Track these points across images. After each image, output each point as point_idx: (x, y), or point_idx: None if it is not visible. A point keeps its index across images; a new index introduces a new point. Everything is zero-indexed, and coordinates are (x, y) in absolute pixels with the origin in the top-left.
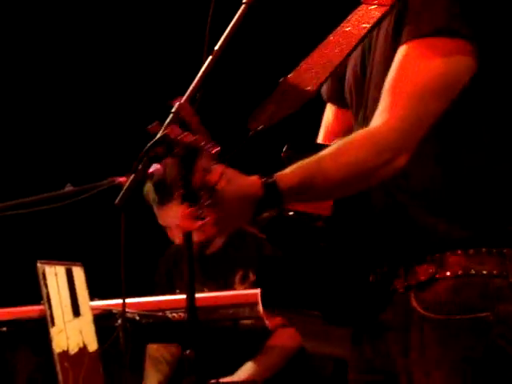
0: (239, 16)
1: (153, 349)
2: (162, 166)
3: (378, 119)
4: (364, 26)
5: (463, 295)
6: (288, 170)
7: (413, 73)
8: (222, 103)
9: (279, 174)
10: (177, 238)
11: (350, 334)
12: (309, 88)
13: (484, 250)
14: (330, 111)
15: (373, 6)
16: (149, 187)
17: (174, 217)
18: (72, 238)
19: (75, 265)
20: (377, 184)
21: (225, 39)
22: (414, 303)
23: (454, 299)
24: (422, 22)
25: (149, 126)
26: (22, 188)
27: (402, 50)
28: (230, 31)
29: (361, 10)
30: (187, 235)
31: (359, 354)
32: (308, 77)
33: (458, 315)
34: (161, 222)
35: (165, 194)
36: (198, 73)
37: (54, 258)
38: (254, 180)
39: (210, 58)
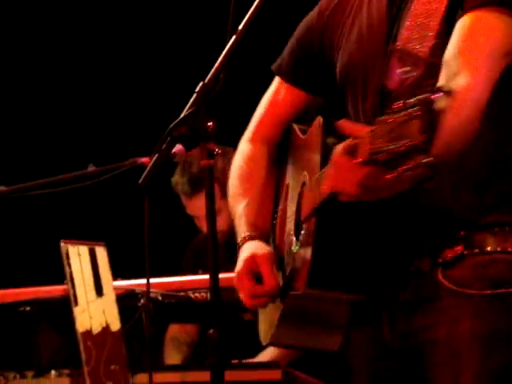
0: None
1: (173, 331)
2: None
3: (461, 79)
4: None
5: (492, 271)
6: None
7: (480, 38)
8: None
9: None
10: (205, 227)
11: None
12: (422, 52)
13: (507, 228)
14: (280, 90)
15: None
16: (177, 178)
17: (203, 207)
18: (95, 218)
19: (98, 245)
20: None
21: (249, 18)
22: (442, 280)
23: (483, 275)
24: None
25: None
26: (45, 168)
27: (464, 20)
28: (254, 10)
29: None
30: (210, 214)
31: (371, 338)
32: (415, 42)
33: (488, 290)
34: (190, 211)
35: (196, 184)
36: (220, 53)
37: (77, 237)
38: None
39: (234, 37)
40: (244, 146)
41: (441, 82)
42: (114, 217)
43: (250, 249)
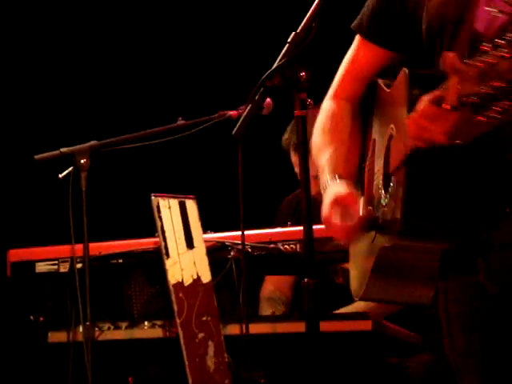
0: None
1: (268, 290)
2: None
3: None
4: None
5: None
6: None
7: None
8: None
9: None
10: (313, 187)
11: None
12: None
13: None
14: (361, 48)
15: None
16: (289, 135)
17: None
18: (185, 172)
19: (188, 198)
20: None
21: None
22: None
23: None
24: None
25: None
26: (135, 123)
27: None
28: None
29: None
30: (304, 163)
31: (468, 286)
32: None
33: None
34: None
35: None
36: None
37: (168, 191)
38: None
39: None
40: (327, 104)
41: None
42: (203, 170)
43: (332, 192)
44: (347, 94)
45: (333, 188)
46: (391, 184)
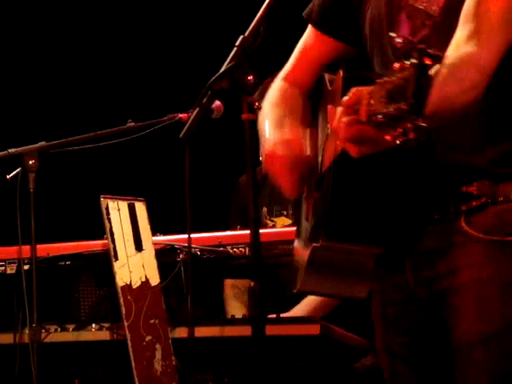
0: None
1: (230, 282)
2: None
3: (471, 44)
4: None
5: None
6: None
7: (494, 4)
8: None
9: None
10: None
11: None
12: (433, 10)
13: None
14: (311, 37)
15: None
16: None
17: None
18: (134, 174)
19: (138, 200)
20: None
21: None
22: (465, 226)
23: (507, 221)
24: None
25: None
26: (85, 125)
27: None
28: None
29: None
30: (252, 171)
31: (394, 285)
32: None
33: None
34: None
35: None
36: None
37: (117, 193)
38: None
39: None
40: (279, 84)
41: (452, 44)
42: (152, 173)
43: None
44: (297, 81)
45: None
46: (322, 184)
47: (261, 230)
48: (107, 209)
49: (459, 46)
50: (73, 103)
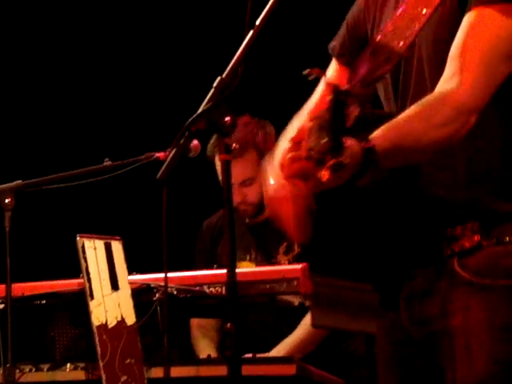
0: None
1: (197, 320)
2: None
3: (452, 82)
4: None
5: (508, 261)
6: (380, 133)
7: (482, 37)
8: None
9: (373, 136)
10: (236, 196)
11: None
12: (399, 47)
13: None
14: (334, 68)
15: None
16: (215, 142)
17: (237, 175)
18: (111, 213)
19: (114, 239)
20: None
21: (266, 14)
22: (458, 268)
23: (499, 265)
24: None
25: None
26: (61, 163)
27: (469, 16)
28: (271, 5)
29: None
30: (228, 206)
31: (392, 324)
32: (396, 37)
33: (503, 280)
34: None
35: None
36: (238, 48)
37: (94, 232)
38: (352, 143)
39: (251, 32)
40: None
41: (440, 81)
42: (129, 211)
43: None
44: None
45: None
46: None
47: (237, 270)
48: (83, 248)
49: (441, 84)
50: (50, 141)
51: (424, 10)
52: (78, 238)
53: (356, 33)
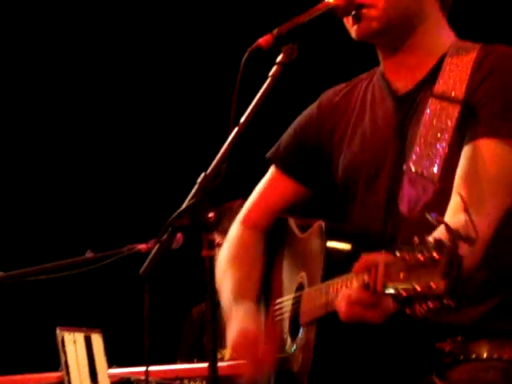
0: (265, 89)
1: None
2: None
3: (463, 215)
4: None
5: (486, 377)
6: None
7: (488, 170)
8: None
9: None
10: None
11: None
12: (432, 175)
13: (505, 337)
14: (273, 177)
15: (445, 102)
16: None
17: None
18: (92, 305)
19: (94, 332)
20: None
21: (250, 112)
22: (438, 383)
23: (478, 380)
24: (500, 122)
25: None
26: (43, 255)
27: (473, 147)
28: (255, 104)
29: (434, 104)
30: (211, 301)
31: None
32: (426, 165)
33: None
34: None
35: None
36: (222, 144)
37: (75, 324)
38: None
39: (235, 130)
40: (235, 229)
41: (448, 212)
42: (110, 303)
43: (240, 319)
44: (255, 223)
45: (237, 317)
46: (300, 335)
47: (219, 364)
48: (63, 341)
49: (451, 215)
50: (31, 232)
51: (444, 135)
52: (57, 331)
53: (304, 143)
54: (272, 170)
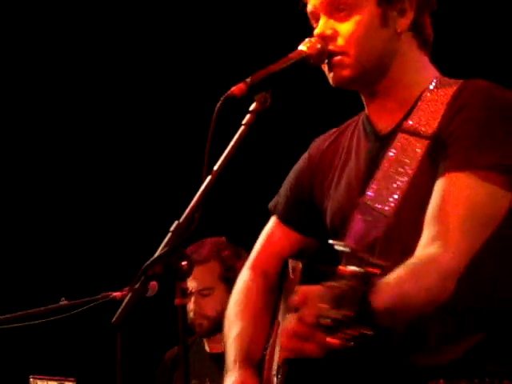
0: (238, 137)
1: None
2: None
3: (434, 247)
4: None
5: None
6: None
7: (459, 203)
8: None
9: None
10: (193, 303)
11: None
12: (386, 212)
13: (487, 379)
14: (276, 228)
15: (413, 138)
16: None
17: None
18: (66, 352)
19: (68, 380)
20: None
21: (224, 160)
22: None
23: None
24: (471, 154)
25: None
26: (16, 302)
27: (444, 180)
28: (229, 152)
29: (402, 139)
30: (183, 347)
31: None
32: (382, 199)
33: None
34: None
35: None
36: (196, 192)
37: (48, 372)
38: None
39: (209, 178)
40: (244, 274)
41: (419, 245)
42: (84, 351)
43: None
44: (262, 269)
45: (239, 375)
46: (279, 375)
47: None
48: None
49: (422, 248)
50: (4, 280)
51: (406, 170)
52: (31, 380)
53: (299, 195)
54: (274, 219)
